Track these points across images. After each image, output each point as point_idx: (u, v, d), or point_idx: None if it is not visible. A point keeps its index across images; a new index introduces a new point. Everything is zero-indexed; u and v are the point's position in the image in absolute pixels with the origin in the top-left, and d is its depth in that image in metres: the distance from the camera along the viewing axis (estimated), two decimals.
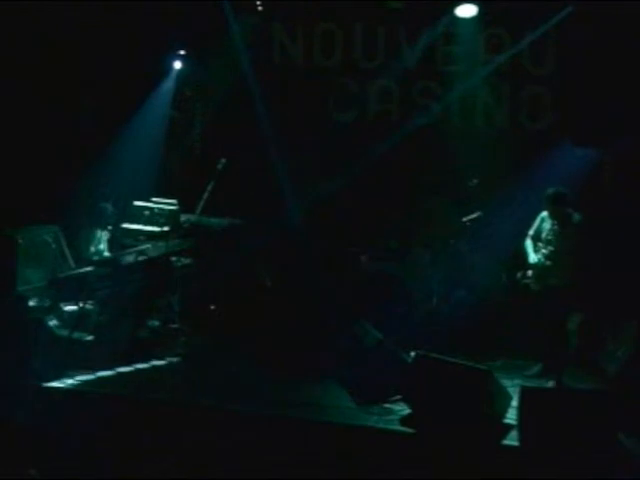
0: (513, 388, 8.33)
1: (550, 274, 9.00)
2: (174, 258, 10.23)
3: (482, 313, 10.38)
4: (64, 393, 8.42)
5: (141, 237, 10.46)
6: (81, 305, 9.42)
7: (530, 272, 9.16)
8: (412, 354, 8.33)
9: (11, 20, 11.28)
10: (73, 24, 11.57)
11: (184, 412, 8.07)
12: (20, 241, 9.84)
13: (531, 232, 9.30)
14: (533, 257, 9.17)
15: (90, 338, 9.34)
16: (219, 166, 10.51)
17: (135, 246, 10.04)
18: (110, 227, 10.63)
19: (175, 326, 10.25)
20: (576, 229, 8.99)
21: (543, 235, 9.14)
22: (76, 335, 9.22)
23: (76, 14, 11.51)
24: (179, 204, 10.97)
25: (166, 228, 10.51)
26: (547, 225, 9.14)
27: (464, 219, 10.31)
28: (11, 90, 11.32)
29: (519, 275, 9.28)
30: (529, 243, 9.27)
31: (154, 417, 8.06)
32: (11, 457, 7.38)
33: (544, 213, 9.22)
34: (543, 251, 9.11)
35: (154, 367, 9.37)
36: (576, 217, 9.02)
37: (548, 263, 9.05)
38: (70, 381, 8.59)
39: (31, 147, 11.35)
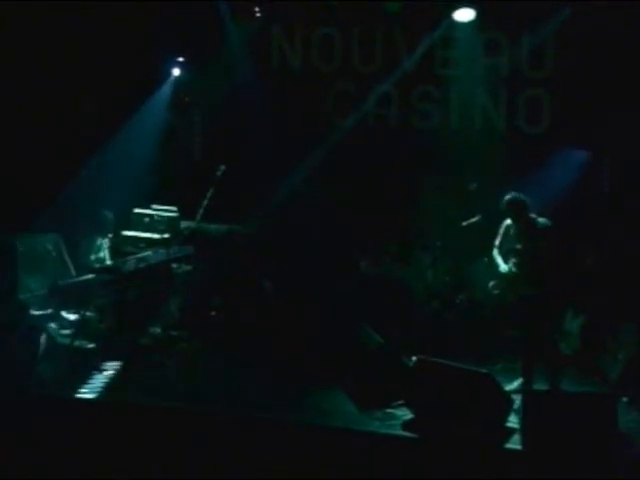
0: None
1: (523, 283, 8.74)
2: (174, 265, 10.24)
3: (483, 316, 10.39)
4: (66, 401, 8.42)
5: (141, 244, 10.48)
6: (82, 312, 9.43)
7: (501, 282, 8.94)
8: (414, 358, 8.32)
9: (9, 27, 11.31)
10: (71, 32, 11.59)
11: (186, 418, 8.06)
12: (21, 249, 9.84)
13: (497, 242, 9.02)
14: (503, 267, 8.91)
15: (91, 345, 9.35)
16: (218, 172, 10.54)
17: (135, 253, 10.04)
18: (111, 235, 10.64)
19: (176, 332, 10.27)
20: (542, 234, 8.63)
21: (511, 244, 8.85)
22: (77, 343, 9.22)
23: (74, 21, 11.53)
24: (179, 211, 10.98)
25: (166, 235, 10.53)
26: (513, 234, 8.88)
27: (464, 223, 10.32)
28: (11, 97, 11.33)
29: (491, 285, 9.17)
30: (496, 253, 9.01)
31: (155, 423, 8.05)
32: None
33: (508, 221, 8.92)
34: (513, 260, 8.84)
35: (155, 373, 9.36)
36: (541, 221, 8.67)
37: (519, 273, 8.78)
38: (72, 389, 8.58)
39: (32, 155, 11.36)
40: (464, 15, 11.51)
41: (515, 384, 8.86)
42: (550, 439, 7.09)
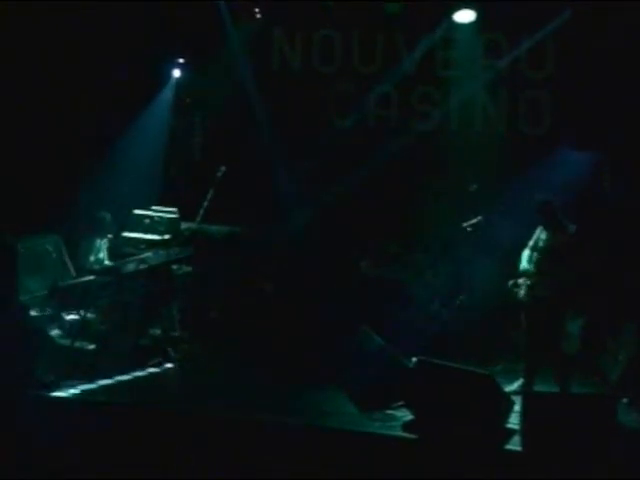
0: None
1: (539, 284, 8.78)
2: (175, 266, 10.24)
3: (483, 317, 10.39)
4: (66, 402, 8.42)
5: (142, 245, 10.48)
6: (82, 314, 9.43)
7: (521, 280, 9.01)
8: (413, 359, 8.32)
9: (9, 27, 11.32)
10: (71, 34, 11.60)
11: (185, 419, 8.07)
12: (21, 250, 9.83)
13: (530, 242, 9.07)
14: (524, 265, 8.98)
15: (92, 347, 9.35)
16: (219, 174, 10.54)
17: (136, 254, 10.04)
18: (110, 236, 10.63)
19: (176, 334, 10.27)
20: (570, 240, 8.75)
21: (540, 245, 8.94)
22: (78, 344, 9.21)
23: (74, 24, 11.54)
24: (179, 212, 10.98)
25: (166, 236, 10.53)
26: (544, 235, 8.95)
27: (464, 224, 10.31)
28: (11, 97, 11.34)
29: (510, 283, 9.18)
30: (526, 252, 9.06)
31: (156, 425, 8.05)
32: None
33: None
34: (536, 260, 8.89)
35: (156, 375, 9.37)
36: (571, 228, 8.80)
37: (538, 272, 8.82)
38: (72, 390, 8.58)
39: (32, 157, 11.37)
40: (464, 16, 11.51)
41: (515, 385, 8.87)
42: (550, 440, 7.09)
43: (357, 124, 12.22)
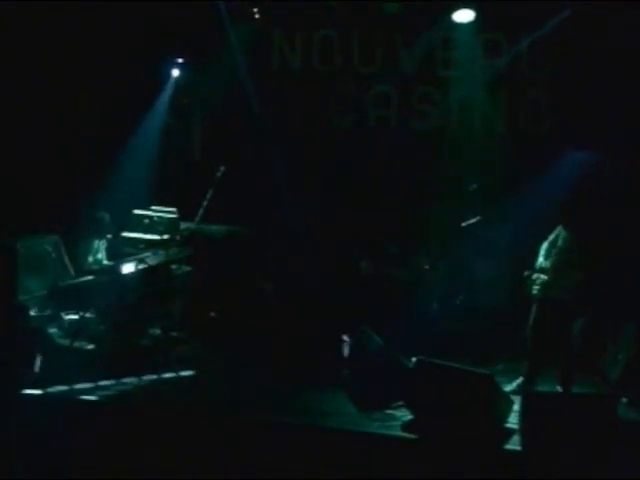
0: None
1: (554, 285, 8.81)
2: (174, 266, 10.23)
3: (483, 317, 10.39)
4: (66, 402, 8.41)
5: (141, 245, 10.48)
6: (82, 314, 9.43)
7: (535, 275, 9.04)
8: (413, 359, 8.32)
9: (9, 27, 11.33)
10: (71, 34, 11.60)
11: (185, 420, 8.07)
12: (21, 250, 9.83)
13: (551, 236, 9.06)
14: (541, 260, 8.99)
15: (91, 347, 9.34)
16: (218, 174, 10.53)
17: (135, 254, 10.03)
18: (109, 236, 10.62)
19: (175, 334, 10.26)
20: (582, 242, 8.81)
21: (559, 243, 8.93)
22: (77, 344, 9.21)
23: (74, 24, 11.54)
24: (178, 212, 10.98)
25: (166, 236, 10.53)
26: (563, 234, 8.96)
27: (463, 224, 10.31)
28: (11, 97, 11.34)
29: (525, 274, 9.15)
30: (545, 246, 9.04)
31: (155, 425, 8.05)
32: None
33: None
34: (553, 258, 8.91)
35: (155, 375, 9.35)
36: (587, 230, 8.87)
37: (554, 273, 8.84)
38: (71, 390, 8.58)
39: (31, 157, 11.37)
40: (463, 16, 11.50)
41: (515, 385, 8.86)
42: (550, 440, 7.09)
43: (357, 124, 12.21)
